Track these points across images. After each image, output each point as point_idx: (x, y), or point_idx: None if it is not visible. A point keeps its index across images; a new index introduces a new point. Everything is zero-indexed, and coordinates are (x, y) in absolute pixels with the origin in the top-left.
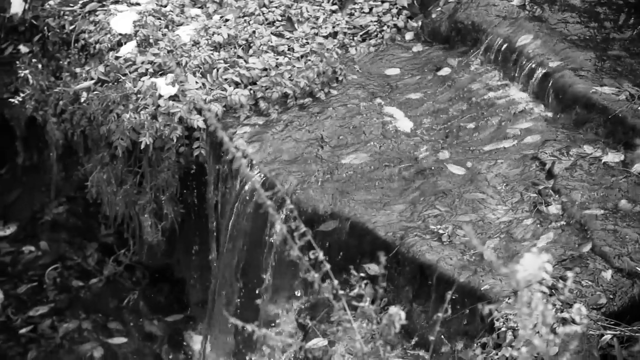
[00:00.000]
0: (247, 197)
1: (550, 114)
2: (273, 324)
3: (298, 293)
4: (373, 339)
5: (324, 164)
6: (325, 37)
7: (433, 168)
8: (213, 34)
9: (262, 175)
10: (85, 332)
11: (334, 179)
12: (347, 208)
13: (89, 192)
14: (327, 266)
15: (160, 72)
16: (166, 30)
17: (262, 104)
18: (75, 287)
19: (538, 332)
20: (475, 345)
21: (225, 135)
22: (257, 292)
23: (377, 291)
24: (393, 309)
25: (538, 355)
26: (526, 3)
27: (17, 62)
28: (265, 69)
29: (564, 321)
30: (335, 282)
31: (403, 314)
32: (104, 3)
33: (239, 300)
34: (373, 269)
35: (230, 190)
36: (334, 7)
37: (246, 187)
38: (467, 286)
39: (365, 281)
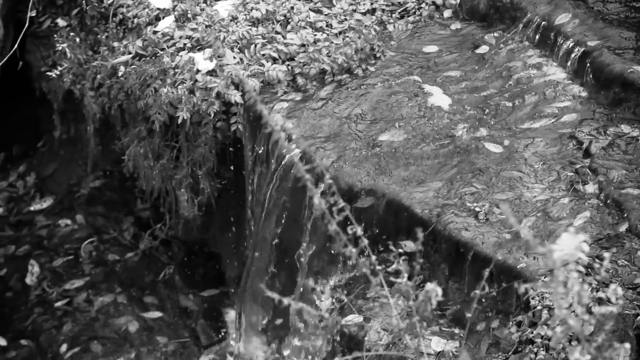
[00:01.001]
0: (285, 172)
1: (587, 93)
2: (309, 300)
3: (334, 269)
4: (409, 315)
5: (361, 140)
6: (364, 14)
7: (470, 145)
8: (251, 10)
9: (301, 149)
10: (120, 306)
11: (371, 156)
12: (383, 185)
13: (126, 166)
14: (365, 241)
15: (198, 47)
16: (204, 5)
17: (300, 80)
18: (111, 261)
19: (573, 312)
20: (510, 323)
21: (264, 108)
22: (293, 267)
23: (414, 267)
24: (430, 285)
25: (573, 334)
26: None
27: (55, 35)
28: (303, 45)
29: (600, 301)
30: (373, 257)
31: (440, 290)
32: None
33: (274, 275)
34: (409, 246)
35: (267, 165)
36: None
37: (284, 162)
38: (503, 264)
39: (403, 257)
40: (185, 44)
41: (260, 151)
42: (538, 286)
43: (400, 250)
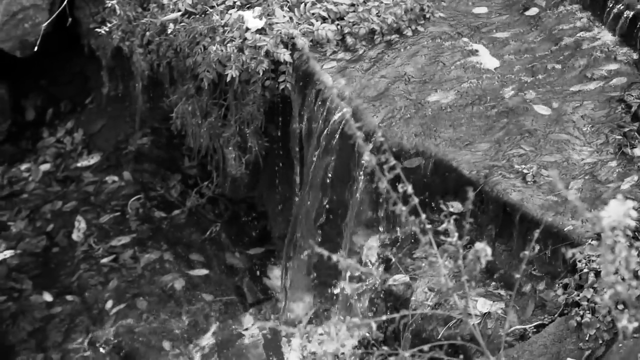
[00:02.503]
0: (334, 129)
1: (637, 57)
2: (355, 258)
3: (381, 227)
4: (456, 275)
5: (409, 100)
6: None
7: (518, 107)
8: None
9: (352, 107)
10: (166, 263)
11: (420, 116)
12: (431, 145)
13: (174, 123)
14: (415, 200)
15: (247, 5)
16: None
17: (349, 40)
18: (158, 218)
19: (621, 277)
20: (556, 286)
21: (317, 65)
22: (340, 225)
23: (464, 227)
24: (479, 245)
25: (619, 300)
26: None
27: None
28: (352, 5)
29: None
30: (423, 216)
31: (489, 250)
32: None
33: (321, 233)
34: (456, 206)
35: (316, 123)
36: None
37: (333, 119)
38: (550, 226)
39: (453, 216)
40: (234, 2)
41: (309, 109)
42: (585, 249)
43: (452, 209)
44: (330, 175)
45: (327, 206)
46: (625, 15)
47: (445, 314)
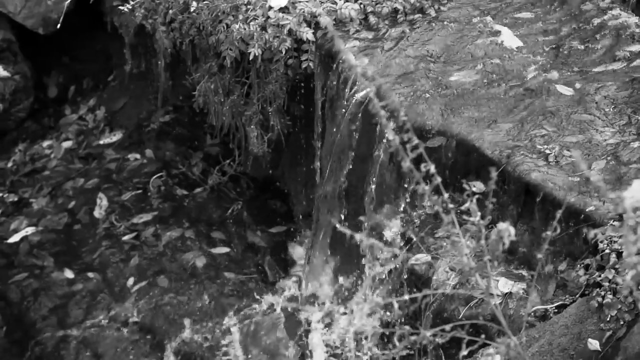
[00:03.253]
0: (356, 108)
1: None
2: (377, 238)
3: (403, 207)
4: (478, 255)
5: (432, 80)
6: None
7: (541, 87)
8: None
9: (375, 86)
10: (188, 241)
11: (442, 96)
12: (454, 125)
13: (196, 101)
14: (438, 179)
15: None
16: None
17: (372, 19)
18: (180, 196)
19: None
20: (578, 266)
21: (342, 43)
22: (362, 204)
23: (487, 207)
24: (503, 225)
25: None
26: None
27: None
28: None
29: None
30: (446, 195)
31: (513, 230)
32: None
33: (343, 212)
34: (478, 186)
35: (339, 101)
36: None
37: (356, 98)
38: (572, 207)
39: (475, 196)
40: None
41: (331, 88)
42: (607, 230)
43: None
44: (352, 153)
45: (349, 185)
46: None
47: (466, 294)
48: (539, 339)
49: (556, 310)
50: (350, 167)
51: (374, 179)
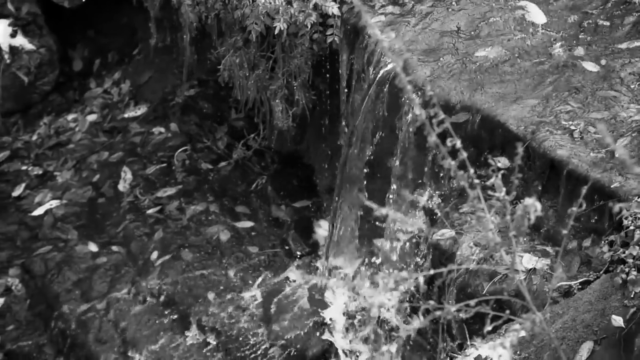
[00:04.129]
0: (382, 83)
1: None
2: (401, 211)
3: (428, 181)
4: (502, 231)
5: (457, 55)
6: None
7: (567, 64)
8: None
9: (402, 60)
10: (212, 215)
11: (467, 71)
12: (479, 100)
13: (221, 75)
14: (464, 154)
15: None
16: None
17: None
18: (204, 170)
19: None
20: (602, 242)
21: (369, 17)
22: (386, 179)
23: (512, 183)
24: (529, 200)
25: None
26: None
27: None
28: None
29: None
30: (472, 170)
31: (539, 206)
32: None
33: (367, 186)
34: (503, 162)
35: (364, 76)
36: None
37: (382, 72)
38: (597, 183)
39: (500, 171)
40: None
41: (357, 62)
42: (632, 206)
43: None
44: (377, 128)
45: (373, 159)
46: None
47: (490, 270)
48: (562, 315)
49: (580, 287)
50: (376, 141)
51: (399, 153)
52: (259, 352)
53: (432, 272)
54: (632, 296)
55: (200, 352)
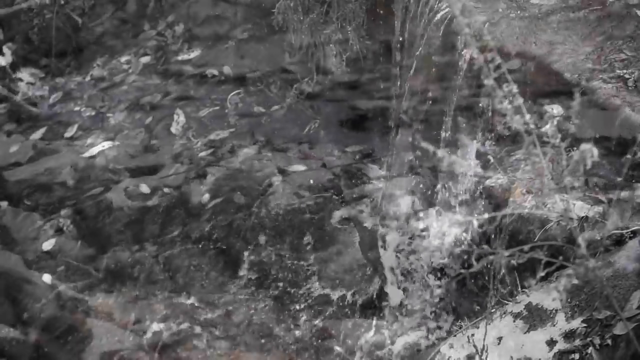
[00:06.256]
0: (437, 27)
1: None
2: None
3: (482, 126)
4: (554, 178)
5: (511, 2)
6: None
7: (622, 12)
8: None
9: (460, 4)
10: (264, 159)
11: (521, 18)
12: (533, 47)
13: (275, 19)
14: (520, 100)
15: None
16: None
17: None
18: (257, 113)
19: None
20: None
21: None
22: (440, 124)
23: (567, 129)
24: (585, 146)
25: None
26: None
27: None
28: None
29: None
30: (528, 116)
31: (595, 151)
32: None
33: (421, 130)
34: (557, 109)
35: (420, 19)
36: None
37: (437, 17)
38: None
39: (556, 118)
40: None
41: (412, 6)
42: None
43: (553, 112)
44: (432, 72)
45: (428, 104)
46: None
47: (542, 216)
48: (614, 263)
49: (632, 235)
50: (430, 85)
51: (454, 97)
52: (311, 295)
53: (486, 215)
54: None
55: (251, 295)
